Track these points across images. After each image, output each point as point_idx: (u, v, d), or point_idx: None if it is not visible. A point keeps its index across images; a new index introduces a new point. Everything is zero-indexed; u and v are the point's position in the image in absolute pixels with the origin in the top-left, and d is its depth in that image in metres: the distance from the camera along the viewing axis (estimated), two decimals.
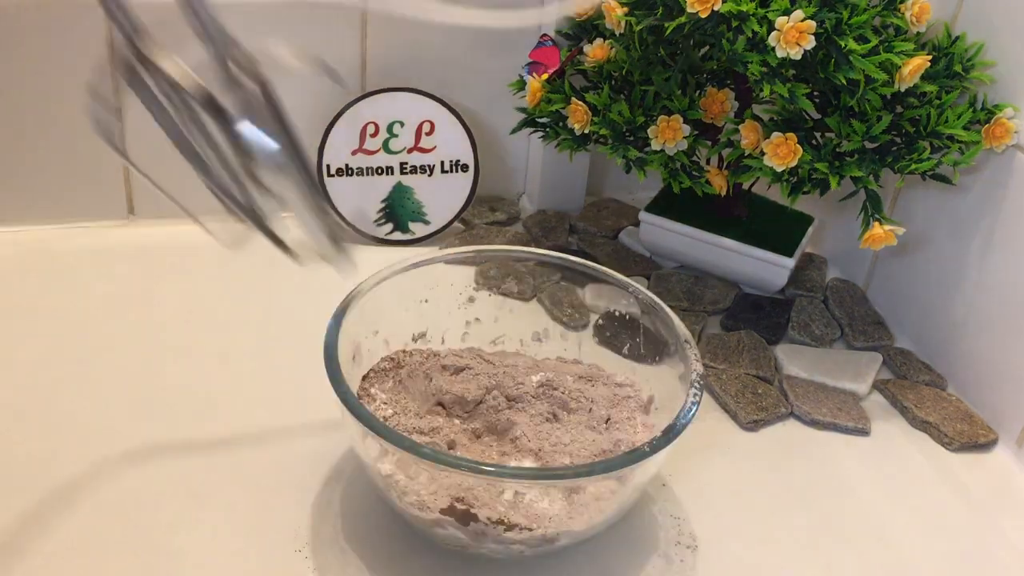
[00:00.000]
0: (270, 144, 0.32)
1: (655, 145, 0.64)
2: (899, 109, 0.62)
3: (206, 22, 0.33)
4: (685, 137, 0.64)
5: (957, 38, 0.63)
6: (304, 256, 0.40)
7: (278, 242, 0.38)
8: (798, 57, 0.56)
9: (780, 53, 0.56)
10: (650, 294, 0.56)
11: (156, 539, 0.48)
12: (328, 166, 0.74)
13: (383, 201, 0.76)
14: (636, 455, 0.45)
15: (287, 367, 0.61)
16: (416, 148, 0.76)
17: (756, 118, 0.64)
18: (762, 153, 0.61)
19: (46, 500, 0.50)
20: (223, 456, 0.53)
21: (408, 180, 0.76)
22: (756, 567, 0.51)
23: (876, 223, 0.62)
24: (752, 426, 0.60)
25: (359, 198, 0.75)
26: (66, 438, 0.54)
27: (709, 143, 0.67)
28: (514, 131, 0.73)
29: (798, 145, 0.60)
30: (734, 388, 0.62)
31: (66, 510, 0.49)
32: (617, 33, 0.66)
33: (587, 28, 0.72)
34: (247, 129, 0.32)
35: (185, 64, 0.34)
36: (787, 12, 0.56)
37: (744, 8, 0.57)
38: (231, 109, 0.34)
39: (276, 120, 0.34)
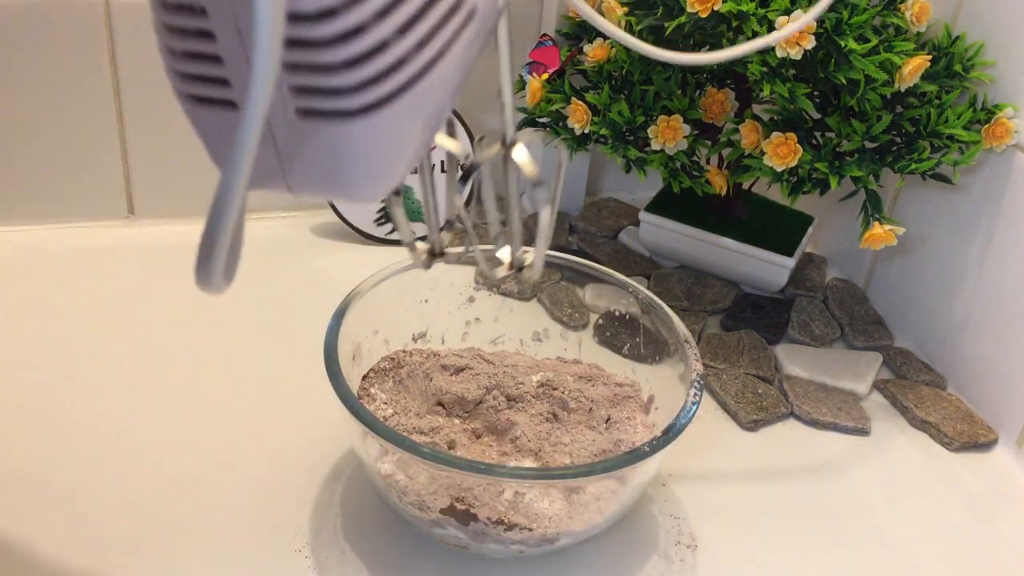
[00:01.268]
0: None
1: (655, 145, 0.64)
2: (899, 109, 0.62)
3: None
4: (685, 137, 0.64)
5: (957, 38, 0.63)
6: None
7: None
8: (798, 57, 0.56)
9: (780, 53, 0.56)
10: (650, 294, 0.56)
11: (156, 539, 0.48)
12: None
13: (382, 201, 0.76)
14: (636, 455, 0.45)
15: (287, 367, 0.61)
16: None
17: (756, 118, 0.64)
18: (762, 153, 0.61)
19: (46, 500, 0.50)
20: (223, 456, 0.53)
21: (408, 180, 0.76)
22: (756, 567, 0.51)
23: (876, 223, 0.62)
24: (752, 426, 0.60)
25: None
26: (66, 438, 0.54)
27: (709, 143, 0.67)
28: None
29: (798, 145, 0.60)
30: (734, 388, 0.62)
31: (66, 510, 0.49)
32: None
33: (587, 28, 0.72)
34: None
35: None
36: (787, 12, 0.56)
37: (744, 8, 0.57)
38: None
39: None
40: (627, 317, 0.57)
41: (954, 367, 0.67)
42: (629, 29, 0.64)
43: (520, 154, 0.39)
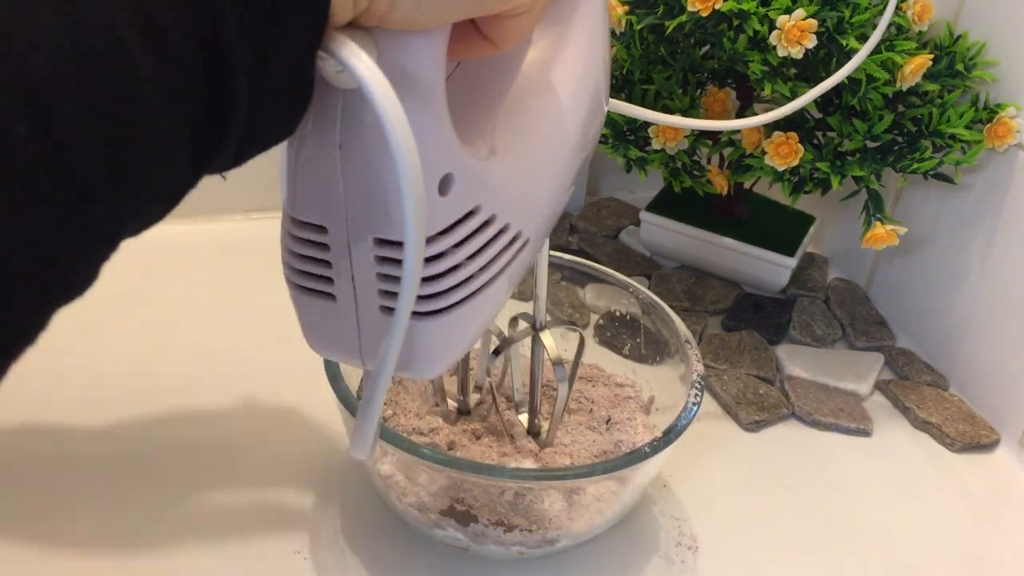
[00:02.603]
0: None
1: (656, 144, 0.64)
2: (901, 108, 0.62)
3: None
4: (686, 136, 0.64)
5: (959, 37, 0.63)
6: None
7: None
8: (799, 56, 0.56)
9: (781, 52, 0.56)
10: (651, 294, 0.55)
11: (155, 540, 0.48)
12: None
13: None
14: (637, 456, 0.45)
15: (287, 367, 0.60)
16: None
17: None
18: (763, 152, 0.61)
19: (45, 500, 0.49)
20: (222, 456, 0.53)
21: None
22: (757, 568, 0.50)
23: (878, 223, 0.61)
24: (753, 427, 0.60)
25: None
26: (65, 438, 0.53)
27: (710, 142, 0.66)
28: None
29: (799, 144, 0.60)
30: (735, 389, 0.62)
31: (65, 510, 0.49)
32: (617, 32, 0.65)
33: None
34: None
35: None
36: (788, 11, 0.56)
37: (745, 7, 0.56)
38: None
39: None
40: (628, 317, 0.57)
41: (956, 367, 0.67)
42: (629, 28, 0.63)
43: (547, 338, 0.46)
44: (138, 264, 0.70)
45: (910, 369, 0.67)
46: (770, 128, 0.62)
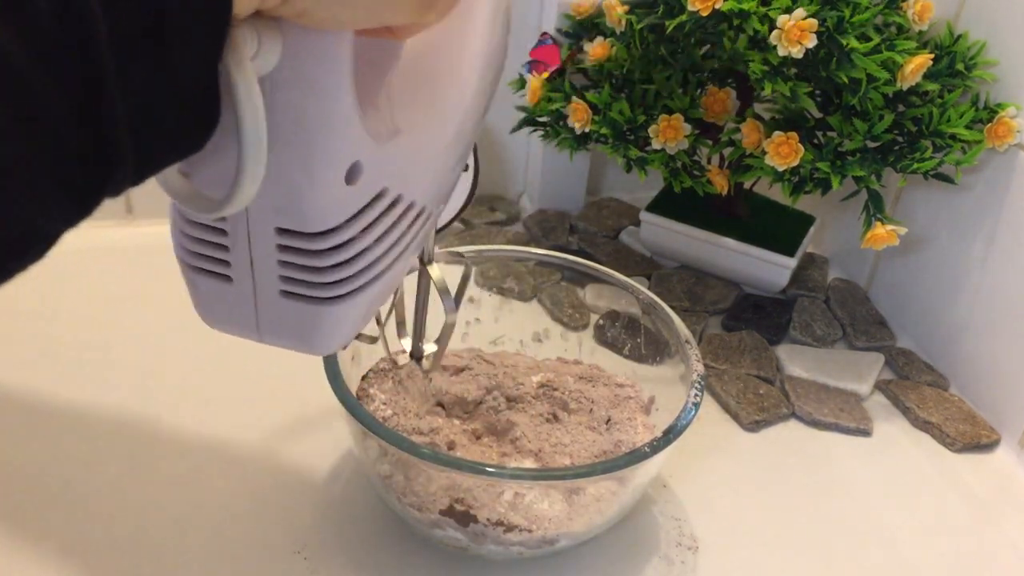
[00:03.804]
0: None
1: (656, 144, 0.64)
2: (901, 108, 0.62)
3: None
4: (686, 136, 0.64)
5: (959, 37, 0.63)
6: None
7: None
8: (799, 56, 0.56)
9: (781, 52, 0.56)
10: (651, 294, 0.55)
11: (155, 539, 0.48)
12: None
13: None
14: (637, 456, 0.45)
15: (286, 367, 0.60)
16: None
17: (757, 117, 0.64)
18: (763, 152, 0.61)
19: (45, 500, 0.49)
20: (222, 457, 0.53)
21: None
22: (757, 568, 0.50)
23: (878, 223, 0.61)
24: (753, 427, 0.60)
25: None
26: (65, 438, 0.53)
27: (710, 142, 0.66)
28: (514, 130, 0.73)
29: (799, 144, 0.60)
30: (735, 389, 0.62)
31: (65, 510, 0.49)
32: (618, 31, 0.65)
33: (587, 26, 0.72)
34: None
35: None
36: (788, 10, 0.56)
37: (745, 6, 0.56)
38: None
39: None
40: (628, 317, 0.57)
41: (956, 367, 0.67)
42: (630, 27, 0.63)
43: (434, 270, 0.47)
44: (138, 264, 0.70)
45: (910, 369, 0.67)
46: (770, 128, 0.62)
